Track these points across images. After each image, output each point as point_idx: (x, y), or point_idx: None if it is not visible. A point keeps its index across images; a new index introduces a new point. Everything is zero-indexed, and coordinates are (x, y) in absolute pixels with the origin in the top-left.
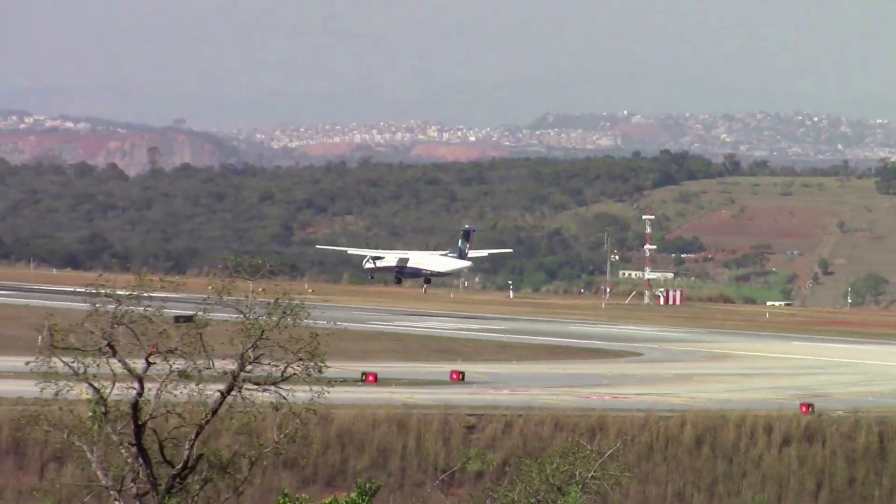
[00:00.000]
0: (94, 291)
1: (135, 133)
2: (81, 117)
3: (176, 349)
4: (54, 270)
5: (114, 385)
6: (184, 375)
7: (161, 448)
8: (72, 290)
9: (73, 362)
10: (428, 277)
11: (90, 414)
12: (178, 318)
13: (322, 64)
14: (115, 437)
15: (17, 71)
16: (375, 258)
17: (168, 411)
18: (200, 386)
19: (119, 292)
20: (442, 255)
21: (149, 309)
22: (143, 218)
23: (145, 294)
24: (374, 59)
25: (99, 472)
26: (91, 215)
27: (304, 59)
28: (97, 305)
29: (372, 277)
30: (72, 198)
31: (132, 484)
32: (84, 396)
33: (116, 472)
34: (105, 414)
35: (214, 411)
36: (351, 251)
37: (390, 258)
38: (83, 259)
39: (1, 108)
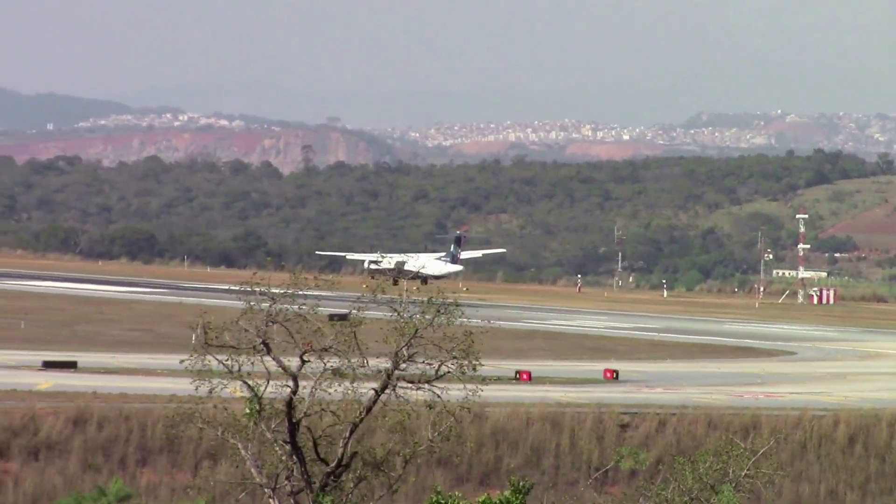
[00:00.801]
0: (248, 289)
1: (289, 131)
2: (236, 115)
3: (330, 347)
4: (208, 268)
5: (268, 383)
6: (338, 373)
7: (315, 446)
8: (226, 287)
9: (227, 360)
10: (425, 280)
11: (247, 411)
12: (332, 317)
13: (477, 62)
14: (269, 435)
15: (172, 69)
16: (373, 262)
17: (322, 409)
18: (355, 384)
19: (273, 290)
20: (437, 258)
21: (303, 307)
22: (297, 216)
23: (300, 292)
24: (529, 58)
25: (253, 470)
26: (245, 213)
27: (461, 57)
28: (252, 303)
29: (373, 278)
30: (226, 195)
31: (286, 482)
32: (238, 394)
33: (270, 469)
34: (259, 412)
35: (369, 409)
36: (350, 256)
37: (386, 261)
38: (237, 257)
39: (156, 105)
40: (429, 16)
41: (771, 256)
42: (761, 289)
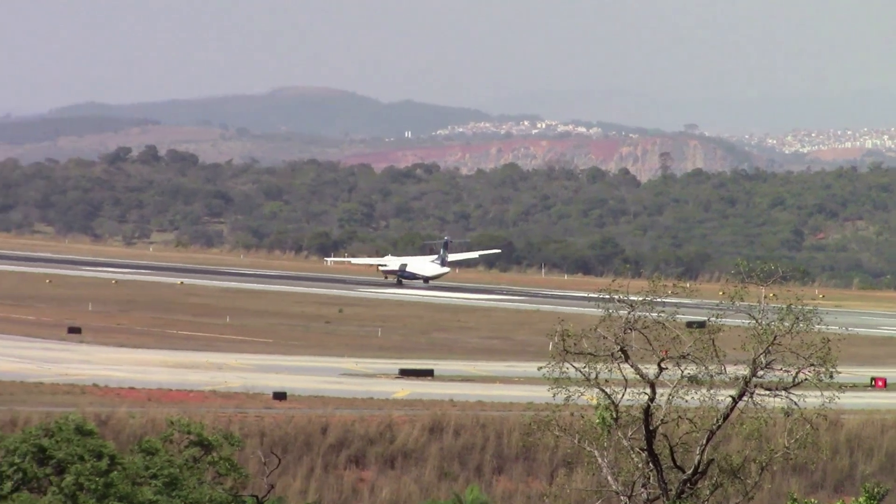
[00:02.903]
0: (607, 297)
1: (646, 138)
2: (593, 122)
3: (688, 354)
4: (565, 276)
5: (625, 390)
6: (695, 381)
7: (672, 453)
8: (583, 295)
9: (584, 367)
10: (426, 279)
11: (597, 420)
12: (690, 324)
13: (833, 69)
14: (625, 443)
15: (530, 76)
16: (381, 265)
17: (679, 416)
18: (712, 391)
19: (632, 298)
20: (431, 261)
21: (661, 314)
22: (654, 223)
23: (657, 299)
24: (884, 64)
25: (609, 478)
26: (602, 220)
27: (815, 63)
28: (610, 311)
29: (386, 278)
30: (583, 203)
31: (642, 489)
32: (594, 402)
33: (626, 477)
34: (616, 419)
35: (726, 416)
36: (355, 261)
37: (393, 264)
38: (594, 264)
39: (514, 113)
40: (789, 23)
41: None
42: None
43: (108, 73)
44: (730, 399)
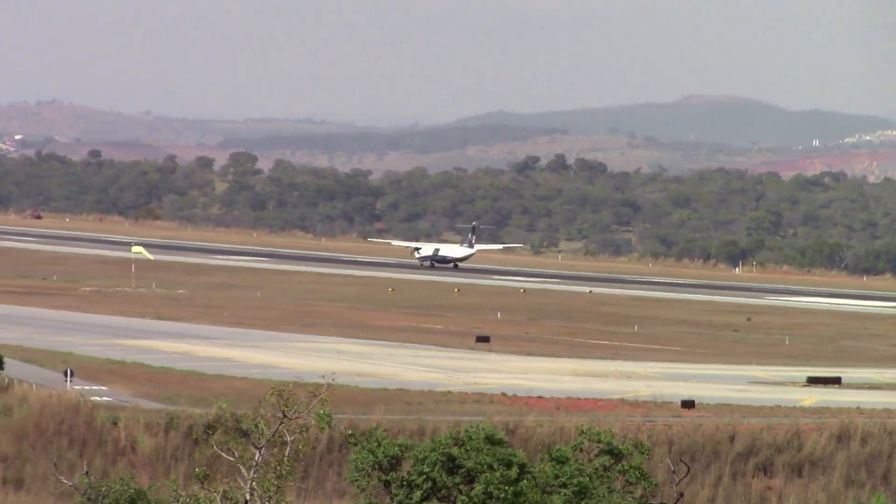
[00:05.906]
0: None
1: None
2: None
3: None
4: None
5: None
6: None
7: None
8: None
9: None
10: (456, 264)
11: None
12: None
13: None
14: None
15: None
16: (417, 249)
17: None
18: None
19: None
20: (459, 246)
21: None
22: None
23: None
24: None
25: None
26: None
27: None
28: None
29: (422, 265)
30: None
31: None
32: None
33: None
34: None
35: None
36: (395, 243)
37: (427, 249)
38: None
39: None
40: None
41: None
42: None
43: (515, 82)
44: None
